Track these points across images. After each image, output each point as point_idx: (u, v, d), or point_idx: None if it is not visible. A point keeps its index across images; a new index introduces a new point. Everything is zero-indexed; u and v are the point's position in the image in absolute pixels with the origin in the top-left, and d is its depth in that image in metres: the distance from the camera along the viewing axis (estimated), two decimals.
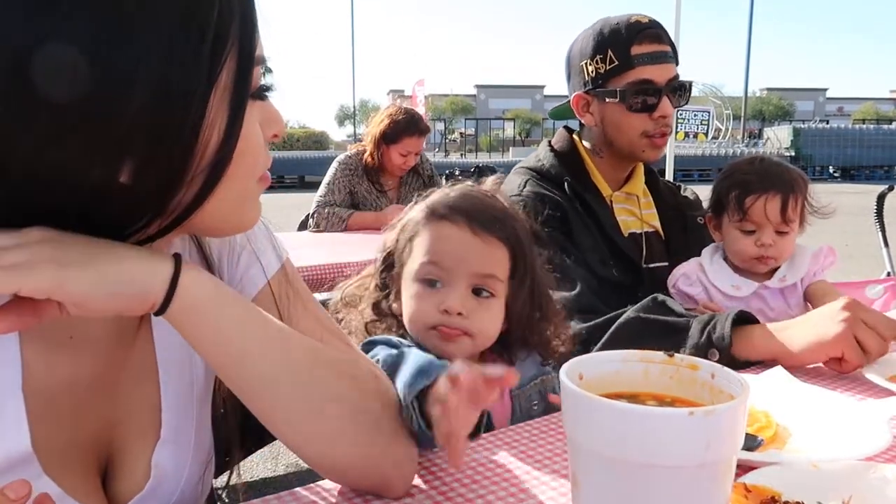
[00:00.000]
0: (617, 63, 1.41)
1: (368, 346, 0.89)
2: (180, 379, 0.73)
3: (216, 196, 0.58)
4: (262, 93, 0.62)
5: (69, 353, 0.64)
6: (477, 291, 0.94)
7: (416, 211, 1.00)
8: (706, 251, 1.53)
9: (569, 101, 1.55)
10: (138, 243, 0.58)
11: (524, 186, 1.45)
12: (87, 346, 0.65)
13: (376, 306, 1.01)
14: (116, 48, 0.50)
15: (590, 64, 1.44)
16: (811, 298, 1.45)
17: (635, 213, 1.57)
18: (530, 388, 1.00)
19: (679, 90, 1.46)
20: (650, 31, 1.42)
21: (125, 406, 0.70)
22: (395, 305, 1.00)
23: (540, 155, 1.56)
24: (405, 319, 0.97)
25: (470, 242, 0.93)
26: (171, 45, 0.51)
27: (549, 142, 1.60)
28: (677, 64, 1.47)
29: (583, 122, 1.53)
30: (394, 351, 0.82)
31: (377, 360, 0.80)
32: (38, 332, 0.62)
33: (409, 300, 0.96)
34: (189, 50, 0.52)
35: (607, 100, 1.44)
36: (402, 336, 0.96)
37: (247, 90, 0.57)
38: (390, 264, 1.01)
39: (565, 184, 1.47)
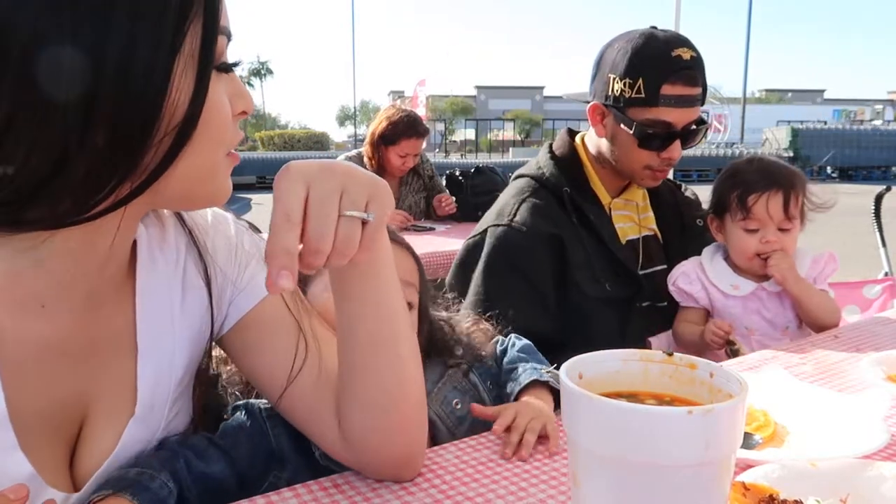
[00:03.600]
0: (643, 96, 1.37)
1: (234, 410, 0.87)
2: (160, 357, 0.74)
3: (183, 163, 0.60)
4: (228, 66, 0.63)
5: (41, 321, 0.65)
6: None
7: None
8: (707, 250, 1.53)
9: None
10: (112, 206, 0.59)
11: (515, 214, 1.44)
12: (59, 315, 0.66)
13: None
14: (79, 11, 0.52)
15: (617, 81, 1.40)
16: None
17: (634, 219, 1.56)
18: (441, 388, 0.97)
19: (694, 134, 1.42)
20: (687, 72, 1.35)
21: (100, 379, 0.71)
22: None
23: (540, 161, 1.55)
24: None
25: (395, 252, 0.93)
26: (135, 8, 0.54)
27: (551, 145, 1.58)
28: (703, 104, 1.42)
29: (594, 130, 1.50)
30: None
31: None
32: (10, 299, 0.63)
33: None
34: (153, 13, 0.55)
35: (622, 125, 1.41)
36: None
37: (211, 57, 0.59)
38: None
39: (564, 194, 1.46)
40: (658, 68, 1.36)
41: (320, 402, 0.75)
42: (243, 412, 0.85)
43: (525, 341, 1.06)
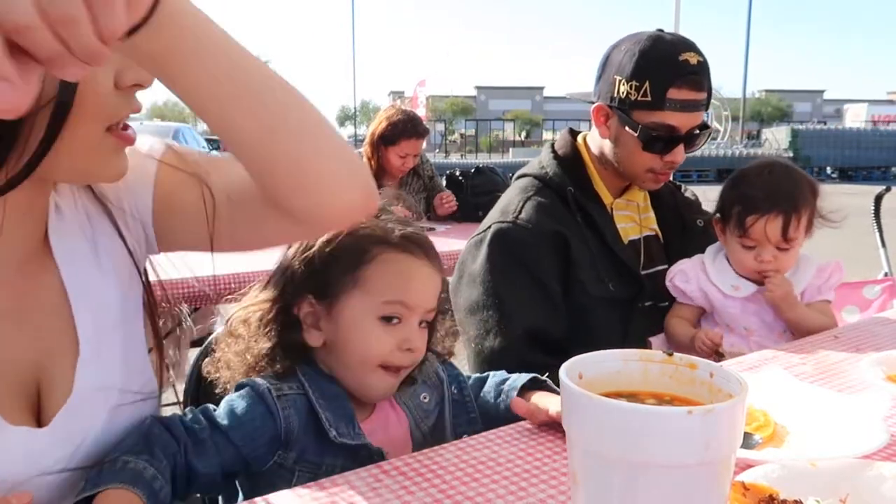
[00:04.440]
0: (649, 99, 1.36)
1: (238, 388, 0.87)
2: (92, 303, 0.76)
3: (60, 141, 0.58)
4: None
5: None
6: (420, 323, 0.91)
7: (358, 236, 0.90)
8: (710, 249, 1.53)
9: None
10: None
11: (520, 211, 1.43)
12: None
13: (283, 337, 0.91)
14: None
15: (623, 83, 1.39)
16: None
17: (635, 219, 1.56)
18: (409, 382, 0.96)
19: (697, 138, 1.42)
20: (694, 76, 1.35)
21: (44, 336, 0.73)
22: (312, 337, 0.91)
23: (543, 161, 1.55)
24: (350, 355, 0.89)
25: (428, 276, 0.91)
26: None
27: (553, 145, 1.58)
28: (707, 109, 1.42)
29: (598, 131, 1.49)
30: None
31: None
32: None
33: (362, 336, 0.88)
34: None
35: (626, 127, 1.40)
36: (309, 368, 0.90)
37: None
38: (306, 290, 0.90)
39: (568, 194, 1.46)
40: (665, 72, 1.35)
41: (245, 214, 0.75)
42: (250, 391, 0.86)
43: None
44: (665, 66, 1.36)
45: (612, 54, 1.45)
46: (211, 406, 0.86)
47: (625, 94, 1.39)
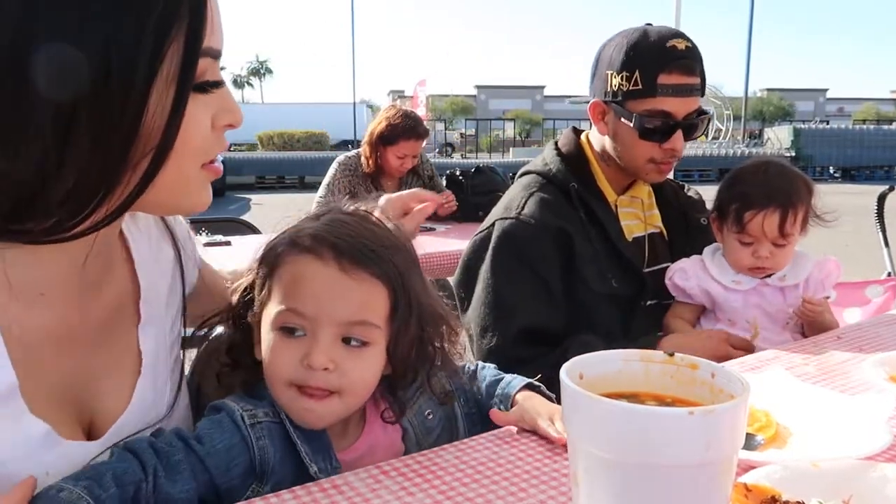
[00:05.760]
0: (640, 87, 1.37)
1: (212, 411, 0.81)
2: (157, 323, 0.82)
3: (157, 180, 0.62)
4: (211, 85, 0.65)
5: (43, 308, 0.69)
6: (346, 340, 0.79)
7: (277, 239, 0.84)
8: (707, 249, 1.53)
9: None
10: (92, 227, 0.62)
11: (523, 207, 1.43)
12: (59, 301, 0.70)
13: (231, 351, 0.87)
14: (54, 33, 0.54)
15: (615, 77, 1.40)
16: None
17: (639, 217, 1.56)
18: (419, 398, 0.91)
19: (696, 125, 1.42)
20: (683, 61, 1.36)
21: (107, 353, 0.76)
22: (256, 350, 0.84)
23: (546, 158, 1.55)
24: (264, 371, 0.81)
25: (338, 282, 0.78)
26: (110, 33, 0.55)
27: (556, 143, 1.58)
28: (702, 95, 1.42)
29: (596, 128, 1.50)
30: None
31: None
32: (10, 290, 0.66)
33: (266, 351, 0.81)
34: (129, 38, 0.56)
35: (622, 119, 1.41)
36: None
37: (190, 81, 0.60)
38: (249, 301, 0.85)
39: (571, 190, 1.45)
40: (654, 58, 1.37)
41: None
42: (225, 417, 0.79)
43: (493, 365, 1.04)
44: (653, 53, 1.37)
45: (602, 52, 1.47)
46: (184, 429, 0.79)
47: (617, 86, 1.41)
